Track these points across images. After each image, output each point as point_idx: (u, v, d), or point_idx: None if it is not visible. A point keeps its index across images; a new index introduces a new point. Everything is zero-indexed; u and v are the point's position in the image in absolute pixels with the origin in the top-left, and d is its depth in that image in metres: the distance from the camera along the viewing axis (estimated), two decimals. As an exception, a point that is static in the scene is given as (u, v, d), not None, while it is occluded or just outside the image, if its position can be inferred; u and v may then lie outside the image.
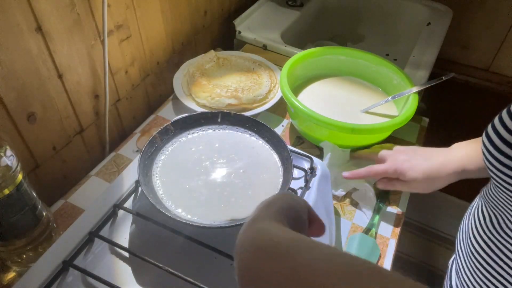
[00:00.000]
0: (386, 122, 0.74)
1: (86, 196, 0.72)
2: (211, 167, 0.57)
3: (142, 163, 0.54)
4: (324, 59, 0.89)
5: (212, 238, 0.51)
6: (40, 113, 0.65)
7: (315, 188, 0.59)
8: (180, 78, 0.92)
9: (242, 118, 0.63)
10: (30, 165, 0.67)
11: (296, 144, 0.85)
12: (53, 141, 0.70)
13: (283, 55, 1.03)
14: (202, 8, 1.02)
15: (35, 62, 0.62)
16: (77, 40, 0.68)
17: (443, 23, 1.14)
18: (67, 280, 0.48)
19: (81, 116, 0.75)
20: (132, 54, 0.83)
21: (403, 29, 1.24)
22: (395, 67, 0.84)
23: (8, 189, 0.50)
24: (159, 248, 0.52)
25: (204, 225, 0.49)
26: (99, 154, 0.82)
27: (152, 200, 0.50)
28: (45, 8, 0.60)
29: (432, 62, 1.00)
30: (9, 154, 0.50)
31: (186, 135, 0.61)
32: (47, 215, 0.59)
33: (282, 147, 0.59)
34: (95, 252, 0.51)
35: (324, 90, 0.88)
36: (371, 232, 0.69)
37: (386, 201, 0.75)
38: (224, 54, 0.99)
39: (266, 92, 0.89)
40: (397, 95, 0.80)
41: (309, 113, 0.72)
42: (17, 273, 0.59)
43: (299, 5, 1.21)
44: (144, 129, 0.86)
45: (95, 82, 0.75)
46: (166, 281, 0.48)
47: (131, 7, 0.78)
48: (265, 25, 1.11)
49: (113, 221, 0.54)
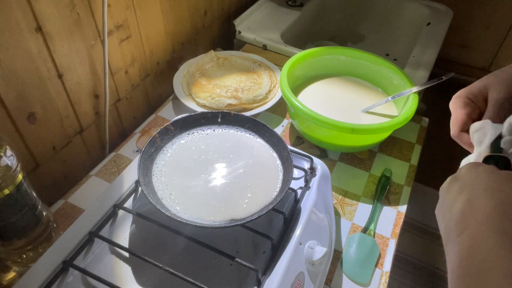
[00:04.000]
0: (386, 122, 0.74)
1: (86, 196, 0.72)
2: (211, 167, 0.57)
3: (142, 163, 0.54)
4: (324, 59, 0.89)
5: (212, 238, 0.51)
6: (40, 113, 0.65)
7: (315, 188, 0.59)
8: (180, 78, 0.92)
9: (242, 118, 0.63)
10: (30, 165, 0.67)
11: (296, 144, 0.85)
12: (53, 141, 0.70)
13: (283, 55, 1.03)
14: (202, 8, 1.02)
15: (35, 62, 0.62)
16: (77, 40, 0.68)
17: (443, 23, 1.14)
18: (67, 280, 0.48)
19: (81, 116, 0.75)
20: (132, 54, 0.83)
21: (403, 29, 1.24)
22: (395, 67, 0.84)
23: (8, 189, 0.50)
24: (159, 248, 0.52)
25: (204, 225, 0.49)
26: (99, 154, 0.82)
27: (152, 200, 0.50)
28: (45, 8, 0.60)
29: (432, 62, 1.00)
30: (9, 154, 0.50)
31: (186, 135, 0.61)
32: (47, 215, 0.59)
33: (282, 147, 0.59)
34: (95, 252, 0.51)
35: (324, 90, 0.88)
36: (369, 231, 0.69)
37: (385, 200, 0.75)
38: (224, 54, 0.99)
39: (266, 92, 0.89)
40: (397, 95, 0.80)
41: (309, 113, 0.72)
42: (17, 273, 0.59)
43: (299, 5, 1.21)
44: (144, 129, 0.86)
45: (95, 82, 0.75)
46: (166, 281, 0.48)
47: (131, 7, 0.78)
48: (265, 25, 1.12)
49: (113, 221, 0.54)
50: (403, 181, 0.79)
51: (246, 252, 0.53)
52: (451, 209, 0.38)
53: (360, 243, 0.67)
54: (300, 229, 0.53)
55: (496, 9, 1.27)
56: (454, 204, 0.38)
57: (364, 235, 0.69)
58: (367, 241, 0.68)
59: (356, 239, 0.68)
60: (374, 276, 0.64)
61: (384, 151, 0.85)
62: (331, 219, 0.62)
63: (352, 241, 0.68)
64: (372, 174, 0.80)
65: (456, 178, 0.41)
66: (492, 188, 0.36)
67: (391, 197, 0.76)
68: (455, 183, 0.41)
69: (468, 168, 0.41)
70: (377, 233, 0.70)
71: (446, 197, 0.41)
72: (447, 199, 0.40)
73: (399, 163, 0.83)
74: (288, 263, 0.49)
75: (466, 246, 0.34)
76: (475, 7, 1.30)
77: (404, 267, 1.47)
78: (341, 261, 0.66)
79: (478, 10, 1.30)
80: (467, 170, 0.41)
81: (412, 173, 0.81)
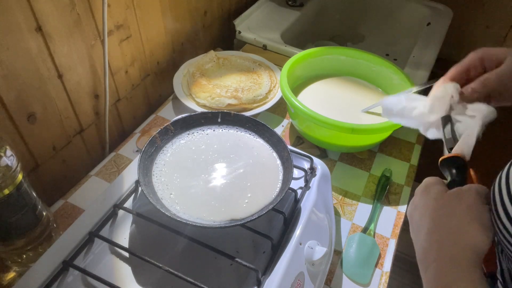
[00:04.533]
0: (386, 122, 0.74)
1: (86, 196, 0.72)
2: (211, 167, 0.57)
3: (142, 163, 0.54)
4: (324, 59, 0.89)
5: (212, 238, 0.51)
6: (40, 113, 0.65)
7: (315, 188, 0.59)
8: (180, 78, 0.92)
9: (242, 118, 0.63)
10: (30, 165, 0.67)
11: (296, 144, 0.85)
12: (53, 141, 0.70)
13: (283, 55, 1.03)
14: (202, 8, 1.02)
15: (35, 62, 0.62)
16: (77, 40, 0.68)
17: (443, 23, 1.14)
18: (67, 280, 0.48)
19: (81, 116, 0.75)
20: (132, 54, 0.83)
21: (403, 29, 1.24)
22: (395, 67, 0.84)
23: (8, 189, 0.50)
24: (159, 248, 0.52)
25: (204, 225, 0.49)
26: (99, 154, 0.82)
27: (152, 200, 0.50)
28: (45, 8, 0.60)
29: (432, 62, 1.00)
30: (9, 154, 0.50)
31: (186, 135, 0.61)
32: (47, 215, 0.59)
33: (282, 147, 0.59)
34: (95, 252, 0.51)
35: (324, 90, 0.88)
36: (369, 231, 0.69)
37: (385, 200, 0.75)
38: (224, 54, 0.99)
39: (266, 92, 0.89)
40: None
41: (309, 113, 0.72)
42: (17, 273, 0.59)
43: (299, 5, 1.21)
44: (144, 129, 0.86)
45: (95, 82, 0.75)
46: (166, 281, 0.48)
47: (131, 7, 0.78)
48: (265, 25, 1.12)
49: (113, 221, 0.54)
50: (403, 181, 0.79)
51: (246, 252, 0.53)
52: (417, 240, 0.44)
53: (360, 243, 0.67)
54: (300, 229, 0.53)
55: (496, 9, 1.27)
56: (418, 234, 0.44)
57: (364, 235, 0.69)
58: (367, 241, 0.68)
59: (356, 239, 0.68)
60: (374, 276, 0.64)
61: (384, 151, 0.85)
62: (331, 219, 0.62)
63: (352, 241, 0.68)
64: (372, 174, 0.80)
65: (415, 206, 0.46)
66: (439, 223, 0.42)
67: (391, 197, 0.76)
68: (415, 212, 0.46)
69: (420, 194, 0.46)
70: (377, 233, 0.70)
71: (412, 225, 0.46)
72: (413, 227, 0.45)
73: (399, 163, 0.83)
74: (288, 263, 0.49)
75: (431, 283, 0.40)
76: (475, 7, 1.29)
77: (404, 267, 1.46)
78: (341, 261, 0.66)
79: (478, 10, 1.30)
80: (420, 196, 0.46)
81: (412, 173, 0.81)
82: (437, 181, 0.45)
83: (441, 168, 0.47)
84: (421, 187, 0.46)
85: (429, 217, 0.42)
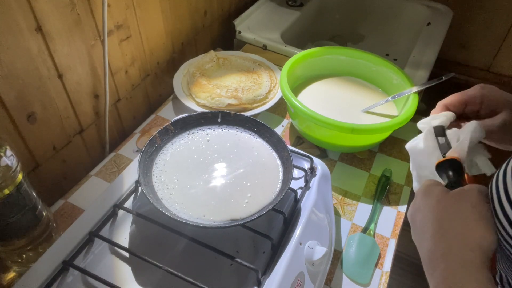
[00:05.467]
0: (386, 122, 0.74)
1: (86, 196, 0.72)
2: (211, 167, 0.57)
3: (142, 163, 0.54)
4: (324, 59, 0.89)
5: (212, 238, 0.51)
6: (40, 113, 0.65)
7: (315, 188, 0.59)
8: (180, 78, 0.92)
9: (242, 118, 0.63)
10: (30, 165, 0.67)
11: (296, 144, 0.85)
12: (53, 141, 0.70)
13: (283, 55, 1.03)
14: (202, 8, 1.02)
15: (35, 62, 0.62)
16: (77, 40, 0.68)
17: (443, 23, 1.14)
18: (67, 280, 0.48)
19: (81, 116, 0.75)
20: (132, 54, 0.83)
21: (403, 29, 1.24)
22: (395, 67, 0.84)
23: (8, 189, 0.50)
24: (159, 248, 0.52)
25: (204, 225, 0.49)
26: (99, 154, 0.82)
27: (152, 200, 0.50)
28: (45, 8, 0.60)
29: (432, 62, 1.00)
30: (9, 154, 0.50)
31: (186, 135, 0.61)
32: (47, 215, 0.59)
33: (282, 147, 0.59)
34: (95, 252, 0.51)
35: (324, 90, 0.88)
36: (369, 231, 0.69)
37: (385, 200, 0.75)
38: (224, 54, 0.99)
39: (266, 92, 0.89)
40: (397, 95, 0.80)
41: (309, 113, 0.72)
42: (17, 273, 0.59)
43: (299, 5, 1.21)
44: (144, 129, 0.86)
45: (95, 82, 0.75)
46: (166, 281, 0.48)
47: (131, 7, 0.78)
48: (265, 25, 1.12)
49: (113, 221, 0.54)
50: (403, 181, 0.79)
51: (246, 252, 0.53)
52: (421, 243, 0.43)
53: (360, 243, 0.67)
54: (300, 229, 0.53)
55: (496, 9, 1.27)
56: (422, 236, 0.43)
57: (364, 235, 0.69)
58: (367, 241, 0.68)
59: (356, 239, 0.68)
60: (374, 276, 0.64)
61: (384, 151, 0.85)
62: (331, 219, 0.62)
63: (352, 241, 0.68)
64: (372, 174, 0.80)
65: (417, 208, 0.45)
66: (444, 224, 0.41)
67: (391, 197, 0.76)
68: (417, 214, 0.45)
69: (421, 196, 0.45)
70: (377, 233, 0.70)
71: (414, 227, 0.45)
72: (416, 229, 0.45)
73: (399, 163, 0.83)
74: (288, 263, 0.49)
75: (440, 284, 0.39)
76: (475, 7, 1.29)
77: (404, 267, 1.47)
78: (341, 261, 0.66)
79: (478, 10, 1.30)
80: (421, 198, 0.45)
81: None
82: (437, 182, 0.46)
83: (438, 172, 0.47)
84: (422, 189, 0.46)
85: (433, 219, 0.42)
